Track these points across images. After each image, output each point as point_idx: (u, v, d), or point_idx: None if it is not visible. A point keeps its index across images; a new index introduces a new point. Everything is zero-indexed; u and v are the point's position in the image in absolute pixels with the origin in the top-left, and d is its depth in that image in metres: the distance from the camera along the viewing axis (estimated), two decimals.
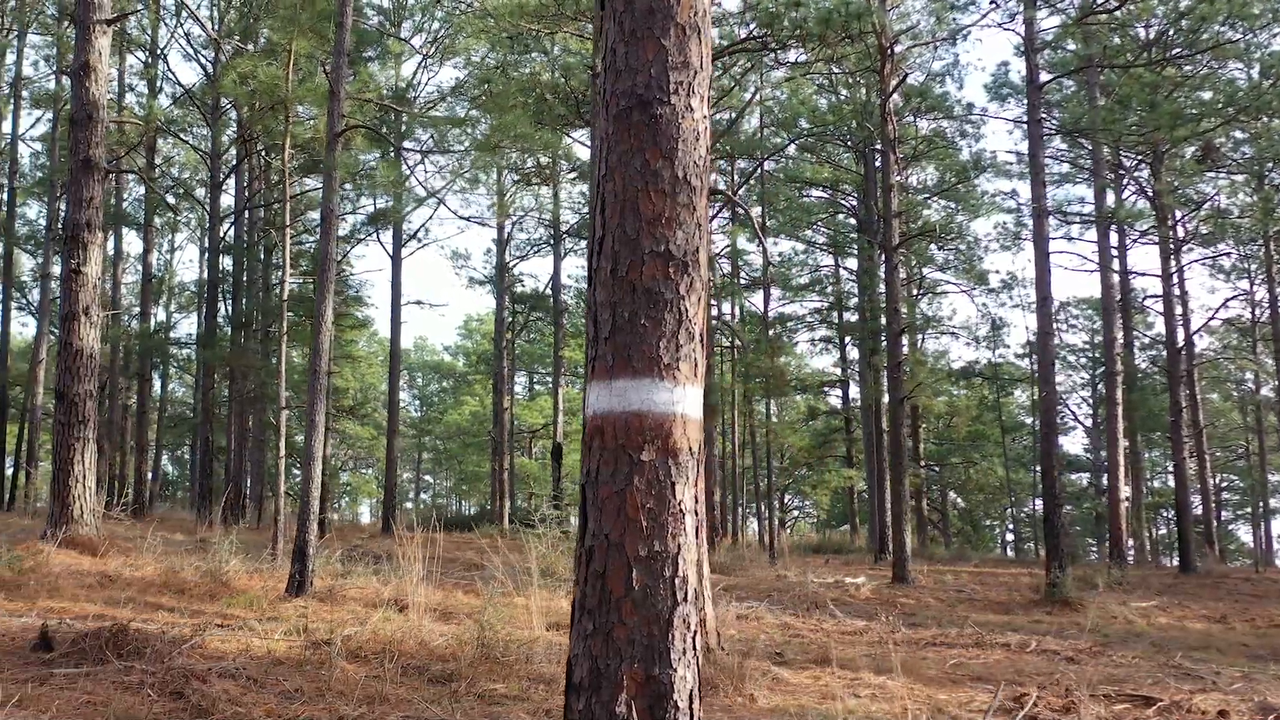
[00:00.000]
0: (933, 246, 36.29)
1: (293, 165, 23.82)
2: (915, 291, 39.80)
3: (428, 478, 72.69)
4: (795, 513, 60.06)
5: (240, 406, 31.93)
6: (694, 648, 4.44)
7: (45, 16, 29.89)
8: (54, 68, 31.16)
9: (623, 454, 4.45)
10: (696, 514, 4.53)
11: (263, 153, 31.93)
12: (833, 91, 33.24)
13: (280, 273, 17.69)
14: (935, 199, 35.16)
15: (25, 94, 31.95)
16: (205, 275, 32.30)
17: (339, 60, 12.95)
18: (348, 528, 35.17)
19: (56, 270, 27.50)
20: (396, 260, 33.36)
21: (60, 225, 17.14)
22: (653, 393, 4.45)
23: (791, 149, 34.60)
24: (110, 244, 34.90)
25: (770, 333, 34.92)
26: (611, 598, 4.39)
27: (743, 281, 36.43)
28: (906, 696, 8.45)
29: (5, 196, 31.66)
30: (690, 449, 4.54)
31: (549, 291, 40.21)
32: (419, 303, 43.71)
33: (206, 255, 32.34)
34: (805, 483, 45.70)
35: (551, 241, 39.18)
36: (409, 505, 64.75)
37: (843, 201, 37.79)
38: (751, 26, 23.48)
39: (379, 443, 47.47)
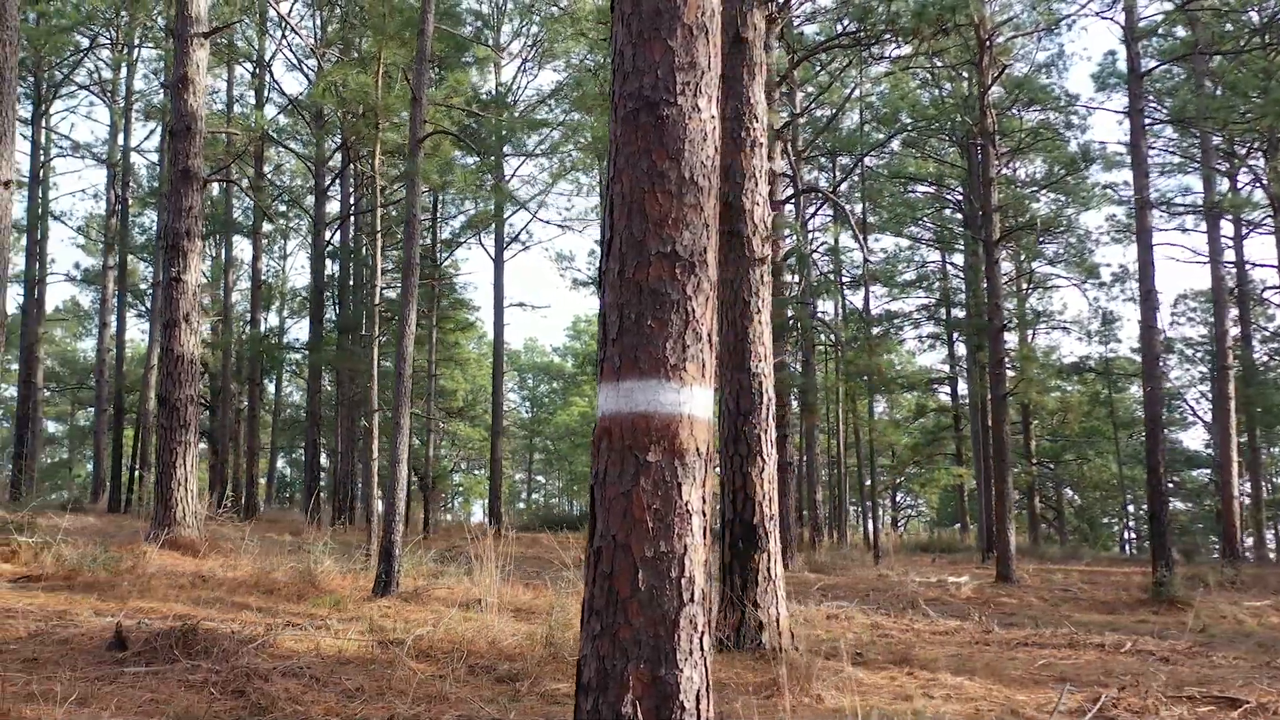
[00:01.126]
0: (1042, 239, 35.74)
1: (393, 171, 24.18)
2: (1025, 286, 39.18)
3: (539, 478, 73.20)
4: (908, 512, 59.48)
5: (348, 409, 32.44)
6: (701, 648, 4.43)
7: (156, 31, 30.65)
8: (163, 80, 31.99)
9: (629, 455, 4.46)
10: (704, 514, 4.52)
11: (366, 159, 32.46)
12: (935, 85, 32.86)
13: (376, 277, 17.92)
14: (1044, 192, 34.64)
15: (138, 107, 32.91)
16: (312, 281, 32.87)
17: (420, 67, 13.12)
18: (454, 528, 35.57)
19: None
20: (499, 263, 33.68)
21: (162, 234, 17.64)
22: (659, 394, 4.46)
23: (895, 144, 34.30)
24: (222, 251, 35.81)
25: (874, 330, 34.61)
26: (618, 598, 4.40)
27: (845, 279, 36.14)
28: (983, 697, 8.34)
29: (120, 207, 32.55)
30: (698, 449, 4.53)
31: None
32: (521, 305, 44.15)
33: (312, 261, 32.90)
34: (915, 481, 45.21)
35: None
36: (520, 505, 65.25)
37: (948, 196, 37.32)
38: (845, 22, 23.34)
39: (490, 444, 47.90)
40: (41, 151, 32.90)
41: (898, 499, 51.89)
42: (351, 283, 33.10)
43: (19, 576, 11.35)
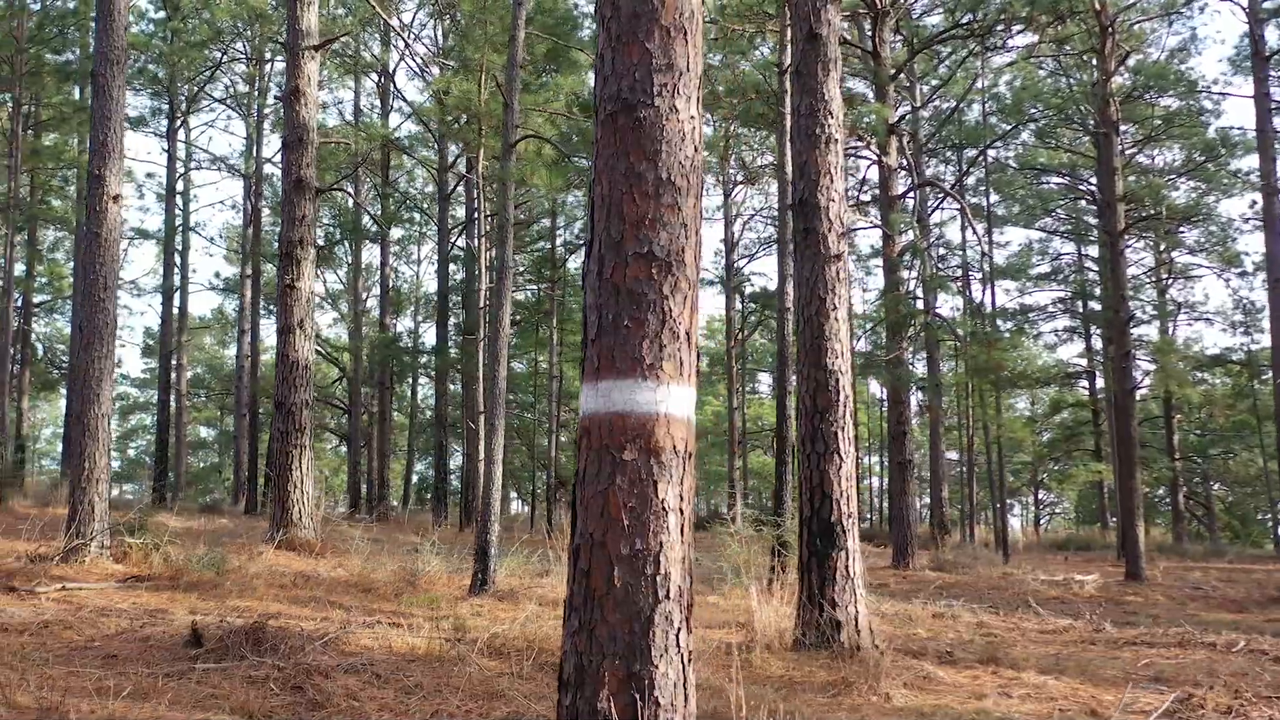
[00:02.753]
0: (1181, 228, 34.82)
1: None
2: (1165, 276, 38.20)
3: None
4: (1050, 509, 58.22)
5: (472, 412, 32.90)
6: (678, 645, 4.45)
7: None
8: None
9: (606, 454, 4.51)
10: (681, 512, 4.54)
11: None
12: (1064, 74, 32.21)
13: (481, 280, 18.22)
14: (1182, 179, 33.79)
15: (270, 119, 33.87)
16: (438, 285, 33.41)
17: (512, 72, 13.31)
18: None
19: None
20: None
21: (276, 243, 18.25)
22: (635, 393, 4.49)
23: (1025, 135, 33.73)
24: (358, 258, 36.63)
25: (1002, 325, 34.02)
26: (594, 595, 4.46)
27: (975, 274, 35.62)
28: (1065, 696, 8.20)
29: (254, 217, 33.46)
30: (674, 448, 4.56)
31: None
32: None
33: (438, 265, 33.45)
34: (1053, 478, 44.33)
35: (779, 240, 38.99)
36: None
37: (1082, 187, 36.52)
38: (956, 14, 23.05)
39: None
40: (180, 164, 33.96)
41: (1039, 496, 50.83)
42: (476, 286, 33.59)
43: (127, 576, 11.78)
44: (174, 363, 35.70)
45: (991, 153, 32.62)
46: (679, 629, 4.46)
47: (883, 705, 7.63)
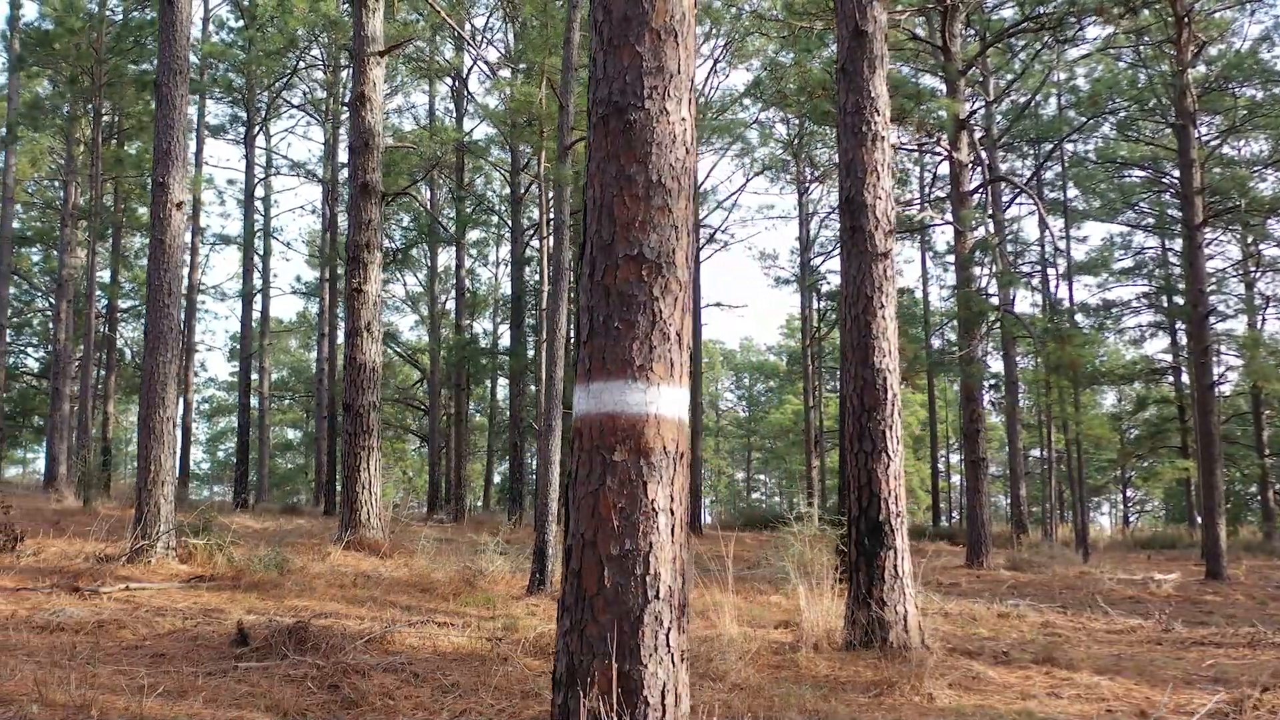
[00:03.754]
0: (1270, 220, 34.08)
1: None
2: (1252, 269, 37.41)
3: (760, 476, 73.35)
4: (1139, 507, 57.29)
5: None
6: (668, 644, 4.46)
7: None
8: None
9: (597, 455, 4.54)
10: (672, 512, 4.55)
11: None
12: (1143, 66, 31.68)
13: (544, 282, 18.34)
14: (1269, 171, 33.11)
15: (346, 125, 34.20)
16: (512, 287, 33.60)
17: (566, 75, 13.38)
18: None
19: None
20: (695, 263, 33.85)
21: (345, 246, 18.46)
22: (625, 394, 4.52)
23: (1106, 128, 33.20)
24: (435, 261, 36.92)
25: (1081, 319, 33.55)
26: (585, 595, 4.50)
27: (1052, 270, 35.17)
28: (1118, 697, 8.08)
29: (330, 221, 33.86)
30: (664, 449, 4.57)
31: None
32: (719, 304, 44.04)
33: (511, 267, 33.65)
34: (1139, 475, 43.62)
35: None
36: (743, 505, 65.32)
37: (1165, 180, 35.86)
38: (1026, 7, 22.74)
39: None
40: (259, 170, 34.43)
41: (1127, 494, 50.06)
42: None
43: (191, 577, 12.00)
44: (257, 366, 36.22)
45: (1070, 146, 32.17)
46: (669, 629, 4.48)
47: (924, 705, 7.57)
